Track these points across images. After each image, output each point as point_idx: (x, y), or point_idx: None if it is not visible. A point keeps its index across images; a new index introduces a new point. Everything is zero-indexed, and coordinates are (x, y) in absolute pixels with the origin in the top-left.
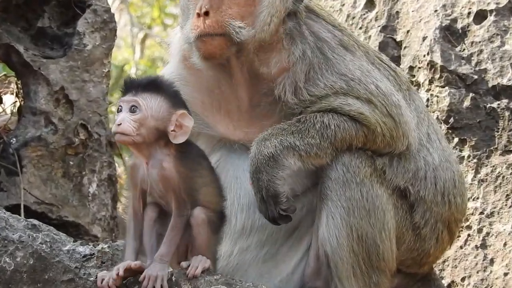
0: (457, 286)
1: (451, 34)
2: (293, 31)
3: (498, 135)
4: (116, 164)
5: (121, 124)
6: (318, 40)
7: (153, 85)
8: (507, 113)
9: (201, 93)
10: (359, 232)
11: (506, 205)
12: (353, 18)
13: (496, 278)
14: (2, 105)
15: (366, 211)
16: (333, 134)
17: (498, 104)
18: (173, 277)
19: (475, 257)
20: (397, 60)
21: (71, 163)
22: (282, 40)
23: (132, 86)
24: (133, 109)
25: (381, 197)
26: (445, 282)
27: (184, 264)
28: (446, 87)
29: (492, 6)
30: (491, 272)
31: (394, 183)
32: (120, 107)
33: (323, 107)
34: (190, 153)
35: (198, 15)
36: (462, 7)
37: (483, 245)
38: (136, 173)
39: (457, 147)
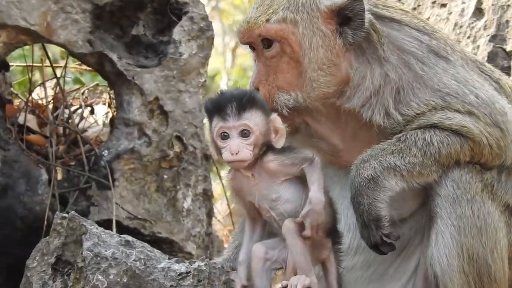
0: None
1: None
2: (368, 59)
3: None
4: (211, 178)
5: (238, 152)
6: (403, 53)
7: (250, 101)
8: None
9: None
10: (470, 252)
11: None
12: (461, 27)
13: None
14: (94, 115)
15: (478, 229)
16: (437, 150)
17: None
18: None
19: None
20: (507, 71)
21: (165, 176)
22: (354, 76)
23: (231, 108)
24: (245, 134)
25: (493, 214)
26: None
27: (284, 283)
28: None
29: None
30: None
31: (503, 199)
32: (225, 133)
33: (423, 124)
34: None
35: None
36: None
37: None
38: (240, 186)
39: None
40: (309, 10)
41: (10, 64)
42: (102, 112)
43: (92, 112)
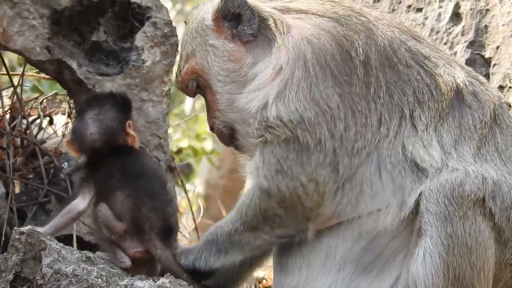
0: None
1: None
2: (271, 51)
3: None
4: (176, 192)
5: None
6: (303, 43)
7: None
8: None
9: None
10: (457, 272)
11: None
12: (437, 32)
13: None
14: (53, 126)
15: (468, 248)
16: (257, 218)
17: None
18: None
19: None
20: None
21: None
22: (252, 73)
23: None
24: None
25: (484, 231)
26: None
27: None
28: None
29: None
30: None
31: (493, 211)
32: None
33: (258, 181)
34: None
35: None
36: None
37: None
38: None
39: None
40: (201, 32)
41: None
42: (61, 123)
43: (51, 122)
